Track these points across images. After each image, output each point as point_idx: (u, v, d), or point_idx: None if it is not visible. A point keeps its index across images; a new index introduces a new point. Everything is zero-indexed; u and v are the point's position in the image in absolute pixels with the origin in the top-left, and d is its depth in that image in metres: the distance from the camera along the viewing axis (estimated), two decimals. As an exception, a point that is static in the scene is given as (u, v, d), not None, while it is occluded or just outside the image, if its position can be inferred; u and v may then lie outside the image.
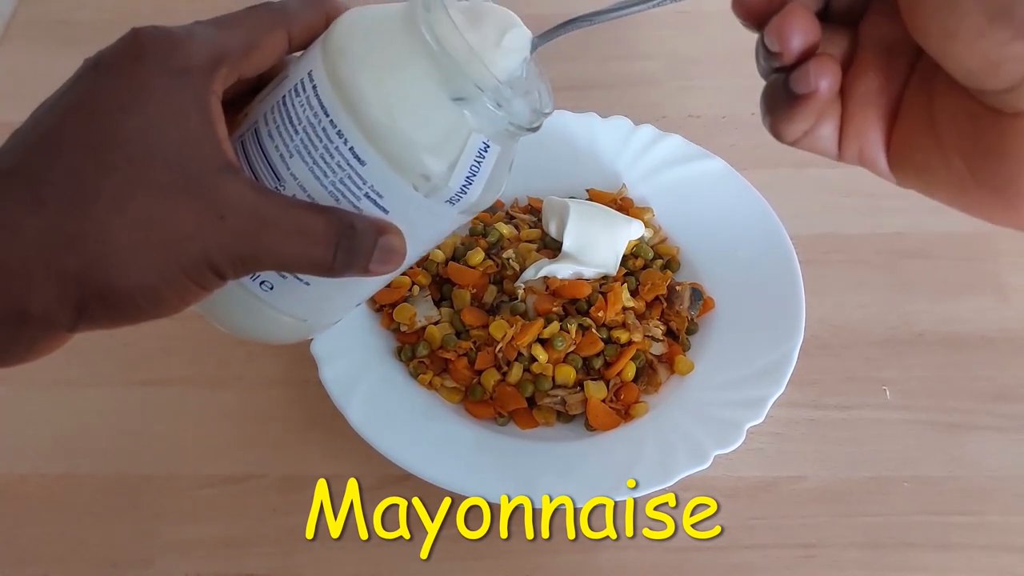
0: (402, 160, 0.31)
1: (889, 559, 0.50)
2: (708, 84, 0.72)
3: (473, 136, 0.32)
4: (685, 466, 0.49)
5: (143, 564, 0.51)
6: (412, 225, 0.33)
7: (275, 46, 0.33)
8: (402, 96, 0.31)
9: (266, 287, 0.34)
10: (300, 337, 0.38)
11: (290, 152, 0.32)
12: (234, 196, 0.30)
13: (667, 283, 0.57)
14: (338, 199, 0.32)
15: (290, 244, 0.31)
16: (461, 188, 0.33)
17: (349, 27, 0.33)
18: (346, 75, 0.31)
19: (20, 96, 0.74)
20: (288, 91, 0.33)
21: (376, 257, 0.32)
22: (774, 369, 0.52)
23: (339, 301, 0.37)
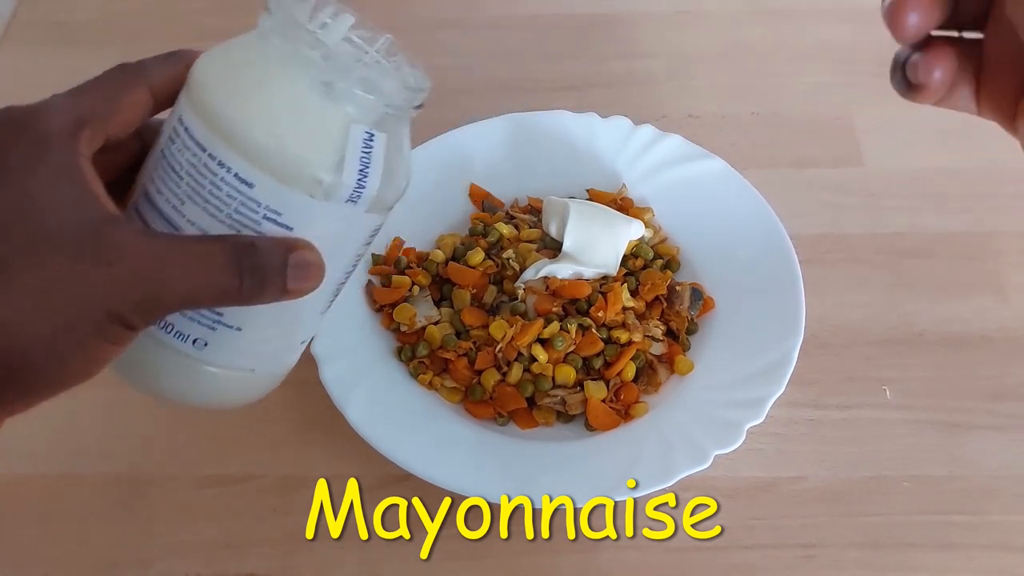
0: (288, 171, 0.31)
1: (889, 559, 0.50)
2: (708, 84, 0.72)
3: (353, 128, 0.31)
4: (685, 466, 0.49)
5: (143, 564, 0.51)
6: (323, 236, 0.32)
7: (137, 103, 0.33)
8: (270, 107, 0.31)
9: (199, 345, 0.33)
10: (254, 393, 0.36)
11: (181, 199, 0.32)
12: (120, 242, 0.30)
13: (667, 283, 0.57)
14: (239, 230, 0.31)
15: (191, 277, 0.30)
16: (357, 183, 0.32)
17: (206, 62, 0.33)
18: (212, 105, 0.31)
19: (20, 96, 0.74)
20: (165, 143, 0.32)
21: (291, 275, 0.31)
22: (774, 369, 0.52)
23: (280, 341, 0.36)
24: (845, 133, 0.68)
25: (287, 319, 0.35)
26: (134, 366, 0.34)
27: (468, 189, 0.63)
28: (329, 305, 0.36)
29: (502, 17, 0.77)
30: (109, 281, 0.29)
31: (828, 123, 0.69)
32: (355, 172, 0.32)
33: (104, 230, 0.30)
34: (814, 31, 0.75)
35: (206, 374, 0.34)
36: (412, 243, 0.60)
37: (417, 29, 0.77)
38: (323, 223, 0.32)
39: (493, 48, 0.75)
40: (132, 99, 0.33)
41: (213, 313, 0.33)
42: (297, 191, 0.31)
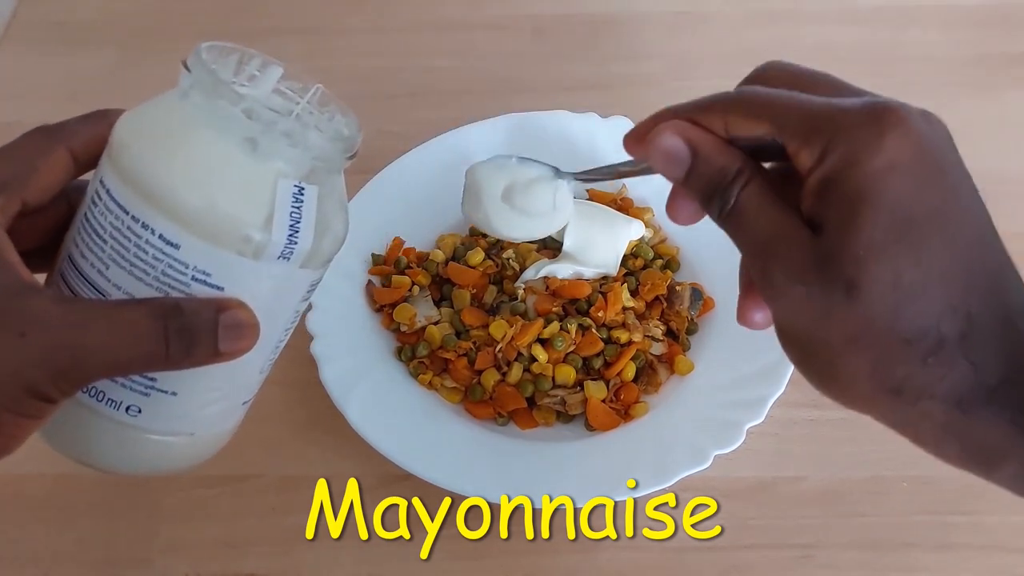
0: (214, 230, 0.30)
1: (888, 559, 0.50)
2: (708, 84, 0.72)
3: (281, 183, 0.30)
4: (685, 466, 0.49)
5: (143, 564, 0.51)
6: (255, 295, 0.31)
7: (56, 166, 0.32)
8: (192, 166, 0.30)
9: (133, 411, 0.32)
10: (195, 458, 0.35)
11: (105, 264, 0.31)
12: (35, 311, 0.29)
13: (667, 283, 0.57)
14: (167, 292, 0.30)
15: (112, 343, 0.29)
16: (288, 239, 0.31)
17: (126, 123, 0.32)
18: (132, 165, 0.30)
19: (20, 96, 0.75)
20: (87, 206, 0.31)
21: (223, 335, 0.30)
22: (774, 369, 0.52)
23: (219, 404, 0.34)
24: (845, 134, 0.68)
25: (224, 381, 0.34)
26: (64, 435, 0.33)
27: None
28: (270, 363, 0.35)
29: (502, 17, 0.77)
30: (22, 352, 0.28)
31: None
32: (285, 228, 0.30)
33: (16, 298, 0.29)
34: (814, 32, 0.75)
35: (142, 441, 0.33)
36: (412, 243, 0.60)
37: (417, 29, 0.77)
38: (255, 282, 0.31)
39: (493, 48, 0.75)
40: (50, 162, 0.32)
41: (145, 378, 0.32)
42: (226, 250, 0.30)
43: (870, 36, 0.75)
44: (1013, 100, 0.70)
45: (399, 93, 0.72)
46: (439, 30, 0.77)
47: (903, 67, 0.72)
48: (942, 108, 0.31)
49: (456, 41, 0.76)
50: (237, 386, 0.35)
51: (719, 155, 0.31)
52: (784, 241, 0.29)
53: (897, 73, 0.72)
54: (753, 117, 0.30)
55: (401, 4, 0.78)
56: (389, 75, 0.73)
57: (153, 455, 0.33)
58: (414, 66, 0.74)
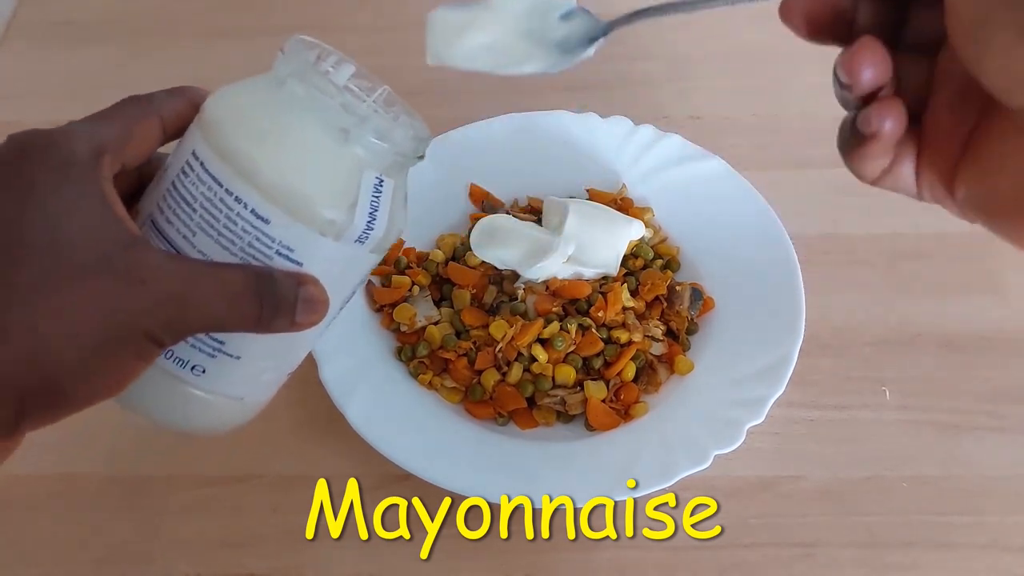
0: (304, 210, 0.32)
1: (888, 559, 0.51)
2: (709, 84, 0.72)
3: (366, 173, 0.33)
4: (685, 466, 0.49)
5: (143, 564, 0.51)
6: (327, 273, 0.33)
7: (149, 134, 0.34)
8: (289, 148, 0.32)
9: (198, 371, 0.34)
10: (237, 421, 0.37)
11: (192, 231, 0.32)
12: (151, 262, 0.30)
13: (667, 283, 0.57)
14: (251, 263, 0.32)
15: (217, 299, 0.31)
16: (367, 225, 0.33)
17: (223, 101, 0.34)
18: (232, 144, 0.32)
19: (20, 96, 0.75)
20: (176, 175, 0.33)
21: (300, 308, 0.32)
22: (774, 369, 0.52)
23: (272, 372, 0.37)
24: (845, 133, 0.68)
25: (283, 350, 0.36)
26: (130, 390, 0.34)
27: (468, 189, 0.63)
28: (318, 339, 0.37)
29: (502, 17, 0.77)
30: (142, 299, 0.30)
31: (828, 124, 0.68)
32: (366, 215, 0.33)
33: (133, 251, 0.30)
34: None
35: (200, 400, 0.35)
36: (412, 243, 0.60)
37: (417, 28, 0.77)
38: (330, 261, 0.33)
39: (493, 48, 0.75)
40: (145, 130, 0.34)
41: (215, 341, 0.33)
42: (310, 229, 0.32)
43: (870, 36, 0.75)
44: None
45: (399, 93, 0.71)
46: (439, 30, 0.77)
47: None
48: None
49: (456, 41, 0.76)
50: (290, 357, 0.37)
51: None
52: None
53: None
54: None
55: (401, 3, 0.78)
56: (389, 75, 0.72)
57: (206, 414, 0.35)
58: (414, 66, 0.73)
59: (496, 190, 0.63)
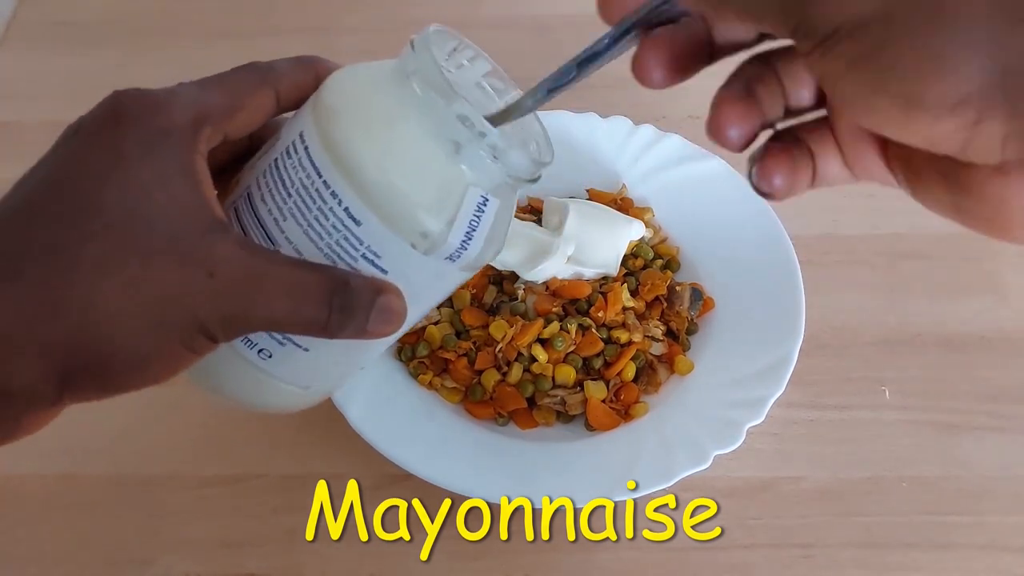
0: (399, 219, 0.31)
1: (887, 559, 0.51)
2: (708, 84, 0.72)
3: (471, 190, 0.31)
4: (685, 466, 0.49)
5: (143, 564, 0.51)
6: (412, 284, 0.32)
7: (261, 106, 0.33)
8: (396, 153, 0.30)
9: (264, 355, 0.33)
10: (303, 405, 0.37)
11: (283, 215, 0.31)
12: (223, 253, 0.29)
13: (667, 283, 0.57)
14: (335, 261, 0.31)
15: (282, 302, 0.30)
16: (461, 244, 0.32)
17: (339, 86, 0.32)
18: (338, 135, 0.31)
19: (20, 96, 0.75)
20: (280, 153, 0.32)
21: (374, 317, 0.31)
22: (774, 369, 0.52)
23: (341, 367, 0.36)
24: (845, 134, 0.68)
25: (356, 349, 0.35)
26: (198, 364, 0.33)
27: (468, 189, 0.63)
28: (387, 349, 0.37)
29: (502, 17, 0.77)
30: (204, 292, 0.29)
31: (828, 124, 0.69)
32: (462, 233, 0.32)
33: (209, 238, 0.29)
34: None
35: (263, 382, 0.34)
36: (412, 243, 0.60)
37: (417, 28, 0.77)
38: (416, 273, 0.32)
39: (493, 48, 0.74)
40: (257, 101, 0.33)
41: None
42: (402, 239, 0.31)
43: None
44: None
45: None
46: (439, 30, 0.77)
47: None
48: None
49: (456, 41, 0.76)
50: (362, 356, 0.36)
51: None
52: None
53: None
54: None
55: (401, 3, 0.78)
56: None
57: (265, 395, 0.35)
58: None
59: (496, 190, 0.63)
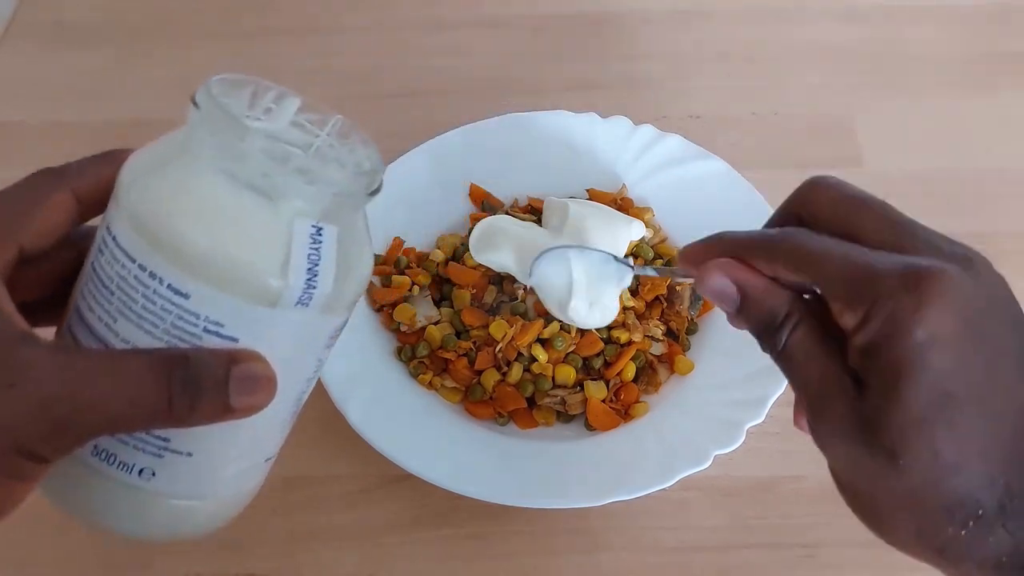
0: (225, 278, 0.28)
1: (889, 558, 0.50)
2: (708, 84, 0.72)
3: (297, 224, 0.28)
4: (685, 466, 0.49)
5: (143, 565, 0.51)
6: (274, 346, 0.29)
7: (57, 210, 0.31)
8: (200, 209, 0.28)
9: (147, 475, 0.30)
10: (215, 521, 0.33)
11: (113, 316, 0.29)
12: (27, 362, 0.26)
13: (667, 283, 0.57)
14: (178, 345, 0.28)
15: (112, 397, 0.27)
16: (306, 284, 0.28)
17: (133, 162, 0.30)
18: (139, 209, 0.28)
19: (20, 96, 0.75)
20: (94, 255, 0.30)
21: (236, 390, 0.28)
22: (774, 369, 0.51)
23: (240, 463, 0.32)
24: (845, 133, 0.68)
25: (243, 438, 0.31)
26: (74, 498, 0.31)
27: (468, 189, 0.63)
28: (294, 415, 0.33)
29: (502, 17, 0.77)
30: (10, 406, 0.26)
31: (828, 123, 0.69)
32: (303, 272, 0.28)
33: (10, 352, 0.27)
34: (814, 31, 0.75)
35: (158, 505, 0.31)
36: (412, 243, 0.60)
37: (417, 29, 0.77)
38: (272, 331, 0.29)
39: (493, 48, 0.75)
40: (51, 205, 0.30)
41: (157, 438, 0.29)
42: (238, 298, 0.28)
43: (870, 34, 0.75)
44: (1013, 100, 0.70)
45: (399, 93, 0.72)
46: (438, 30, 0.77)
47: (903, 65, 0.72)
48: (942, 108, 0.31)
49: (456, 41, 0.76)
50: (258, 444, 0.32)
51: (766, 297, 0.32)
52: (830, 398, 0.30)
53: (897, 72, 0.72)
54: (797, 270, 0.31)
55: (400, 3, 0.78)
56: (388, 75, 0.73)
57: (170, 519, 0.31)
58: (413, 66, 0.74)
59: (496, 190, 0.63)
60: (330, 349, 0.32)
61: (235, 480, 0.32)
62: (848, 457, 0.30)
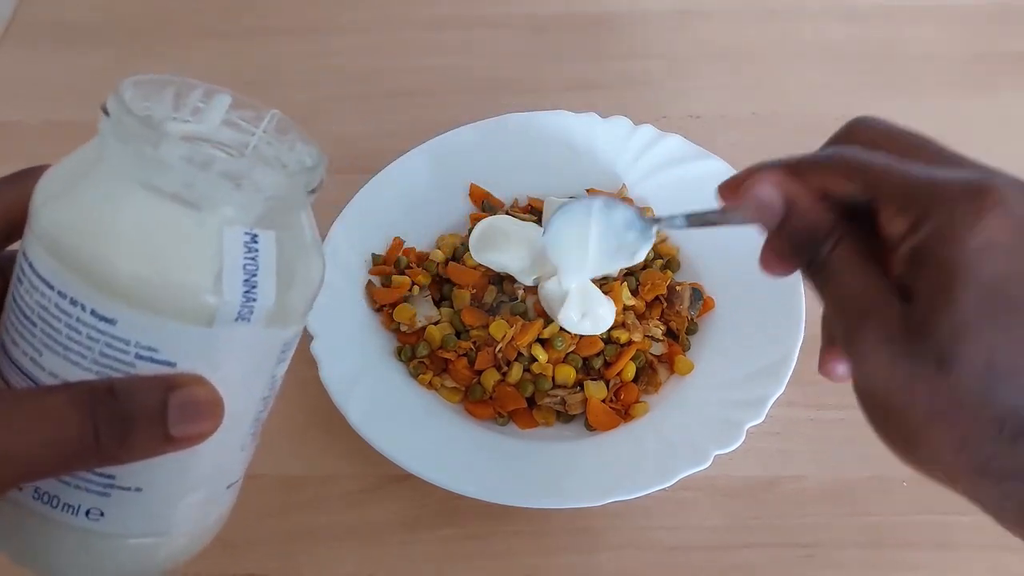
0: (151, 298, 0.25)
1: (889, 558, 0.50)
2: (708, 84, 0.72)
3: (227, 232, 0.26)
4: (685, 466, 0.49)
5: (143, 564, 0.51)
6: (215, 367, 0.26)
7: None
8: (118, 226, 0.25)
9: (95, 515, 0.27)
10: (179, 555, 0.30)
11: (38, 350, 0.26)
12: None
13: (667, 283, 0.57)
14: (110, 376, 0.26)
15: (30, 439, 0.25)
16: (244, 297, 0.26)
17: (45, 179, 0.27)
18: (51, 232, 0.26)
19: (20, 96, 0.75)
20: (14, 284, 0.27)
21: (176, 418, 0.25)
22: (774, 369, 0.52)
23: (197, 493, 0.29)
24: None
25: (198, 468, 0.29)
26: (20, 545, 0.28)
27: (468, 189, 0.63)
28: (252, 437, 0.30)
29: (502, 17, 0.77)
30: None
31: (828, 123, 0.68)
32: (239, 285, 0.26)
33: None
34: (814, 31, 0.75)
35: (111, 547, 0.28)
36: (412, 243, 0.60)
37: (417, 28, 0.77)
38: (212, 351, 0.26)
39: (493, 48, 0.75)
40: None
41: (101, 476, 0.27)
42: (170, 320, 0.25)
43: (870, 34, 0.75)
44: (1013, 100, 0.70)
45: (399, 93, 0.72)
46: (438, 29, 0.77)
47: (903, 65, 0.72)
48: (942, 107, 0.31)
49: (456, 40, 0.76)
50: (216, 471, 0.30)
51: (813, 211, 0.31)
52: (873, 304, 0.29)
53: (897, 71, 0.72)
54: (849, 179, 0.31)
55: (400, 3, 0.78)
56: (388, 75, 0.73)
57: (128, 560, 0.29)
58: (413, 66, 0.74)
59: (496, 190, 0.63)
60: (285, 364, 0.30)
61: (195, 511, 0.30)
62: (889, 368, 0.29)
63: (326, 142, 0.30)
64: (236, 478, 0.31)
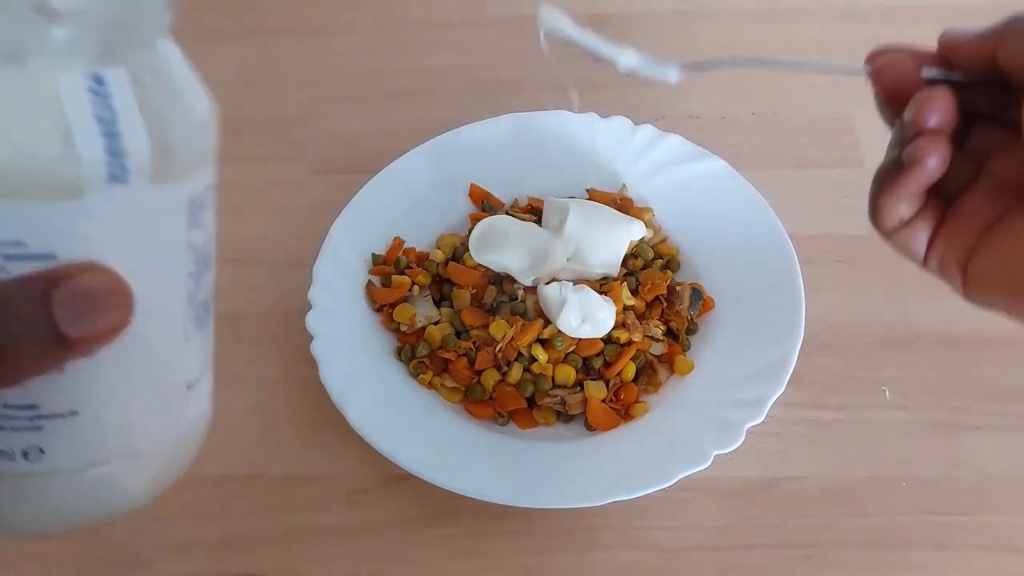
0: (1, 184, 0.21)
1: (888, 559, 0.50)
2: (708, 84, 0.72)
3: (62, 79, 0.21)
4: (685, 466, 0.49)
5: (143, 564, 0.51)
6: (107, 244, 0.22)
7: None
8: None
9: (34, 455, 0.24)
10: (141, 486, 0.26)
11: None
12: None
13: (667, 283, 0.57)
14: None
15: None
16: (108, 153, 0.22)
17: None
18: None
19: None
20: None
21: (67, 315, 0.21)
22: (774, 369, 0.52)
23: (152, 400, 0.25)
24: (845, 133, 0.68)
25: (131, 371, 0.24)
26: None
27: (468, 189, 0.63)
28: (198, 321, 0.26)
29: (502, 17, 0.77)
30: None
31: (828, 123, 0.69)
32: (96, 138, 0.21)
33: None
34: (814, 31, 0.75)
35: (65, 486, 0.24)
36: (412, 243, 0.60)
37: (417, 28, 0.77)
38: (94, 227, 0.22)
39: (493, 48, 0.75)
40: None
41: (20, 409, 0.23)
42: (26, 203, 0.21)
43: (870, 34, 0.74)
44: (1013, 99, 0.70)
45: (399, 93, 0.72)
46: (439, 29, 0.77)
47: (903, 66, 0.72)
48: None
49: (456, 40, 0.76)
50: (159, 370, 0.25)
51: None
52: None
53: (897, 72, 0.72)
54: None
55: (401, 3, 0.78)
56: (389, 75, 0.73)
57: (90, 497, 0.25)
58: (414, 66, 0.74)
59: (496, 190, 0.63)
60: (203, 231, 0.25)
61: (153, 423, 0.25)
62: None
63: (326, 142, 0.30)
64: (194, 376, 0.26)
